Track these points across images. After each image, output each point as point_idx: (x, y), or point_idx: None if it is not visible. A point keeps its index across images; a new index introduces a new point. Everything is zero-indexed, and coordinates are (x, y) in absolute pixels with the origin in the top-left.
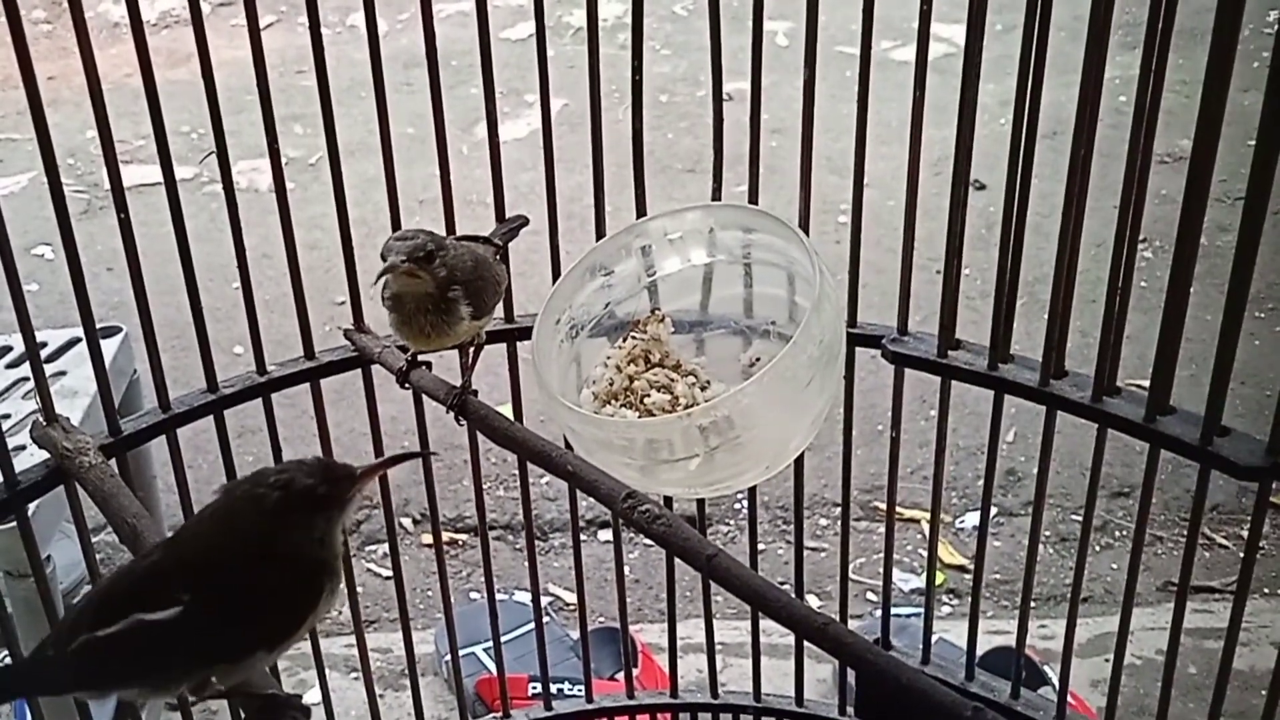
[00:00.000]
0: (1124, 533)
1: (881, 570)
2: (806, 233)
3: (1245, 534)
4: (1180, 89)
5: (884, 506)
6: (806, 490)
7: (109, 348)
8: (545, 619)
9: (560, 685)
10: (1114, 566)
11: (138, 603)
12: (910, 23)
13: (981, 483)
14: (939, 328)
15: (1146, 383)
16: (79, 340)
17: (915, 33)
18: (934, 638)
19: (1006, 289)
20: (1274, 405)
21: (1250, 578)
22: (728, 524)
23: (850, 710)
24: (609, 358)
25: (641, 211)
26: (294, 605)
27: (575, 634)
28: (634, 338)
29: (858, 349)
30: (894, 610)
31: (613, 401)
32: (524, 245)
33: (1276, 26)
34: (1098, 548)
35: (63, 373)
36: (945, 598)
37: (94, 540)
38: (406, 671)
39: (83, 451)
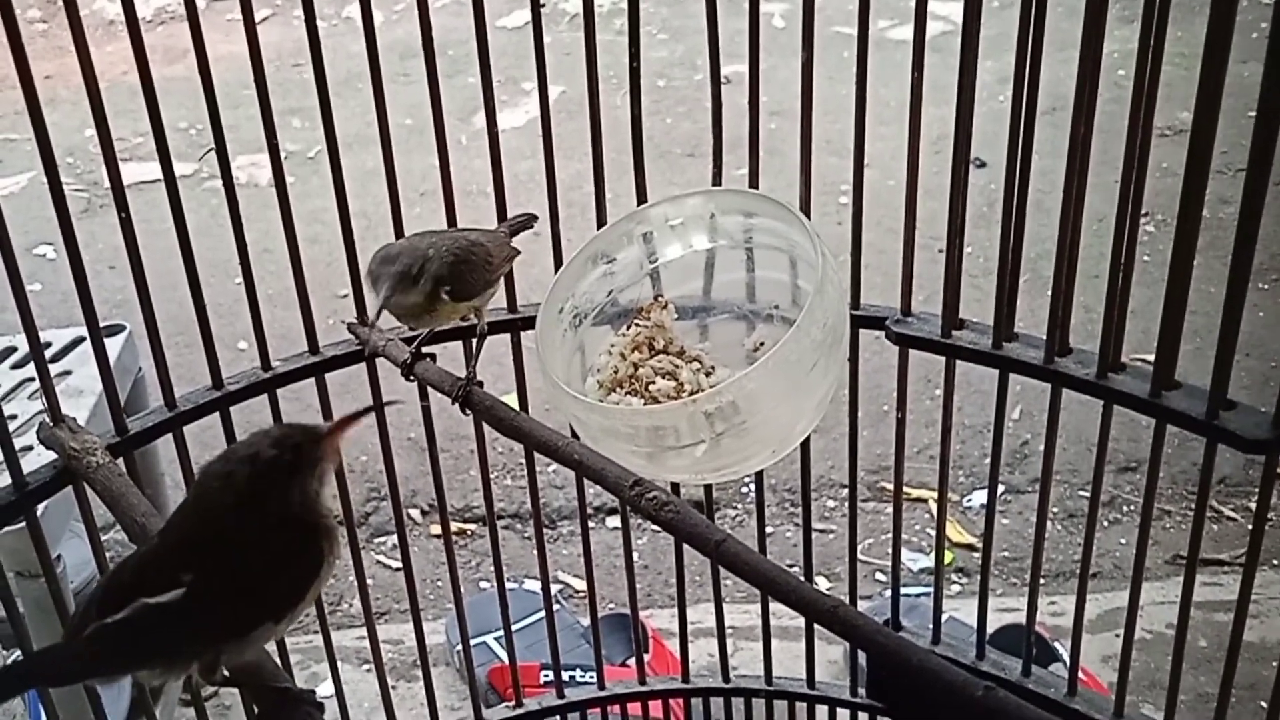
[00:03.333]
0: (1132, 508)
1: (890, 551)
2: (808, 215)
3: (1253, 506)
4: (1179, 62)
5: (891, 487)
6: (814, 473)
7: (113, 346)
8: (555, 607)
9: (572, 672)
10: (1122, 541)
11: (142, 588)
12: (907, 1)
13: (988, 461)
14: (942, 307)
15: (1151, 357)
16: (83, 339)
17: (912, 11)
18: (944, 617)
19: (1009, 267)
20: (1279, 377)
21: (1259, 550)
22: (735, 508)
23: (861, 691)
24: (613, 346)
25: (642, 198)
26: (294, 573)
27: (586, 621)
28: (637, 325)
29: (862, 331)
30: (903, 590)
31: (618, 389)
32: (525, 234)
33: None
34: (1106, 523)
35: (68, 372)
36: (954, 576)
37: (104, 539)
38: (418, 662)
39: (90, 451)
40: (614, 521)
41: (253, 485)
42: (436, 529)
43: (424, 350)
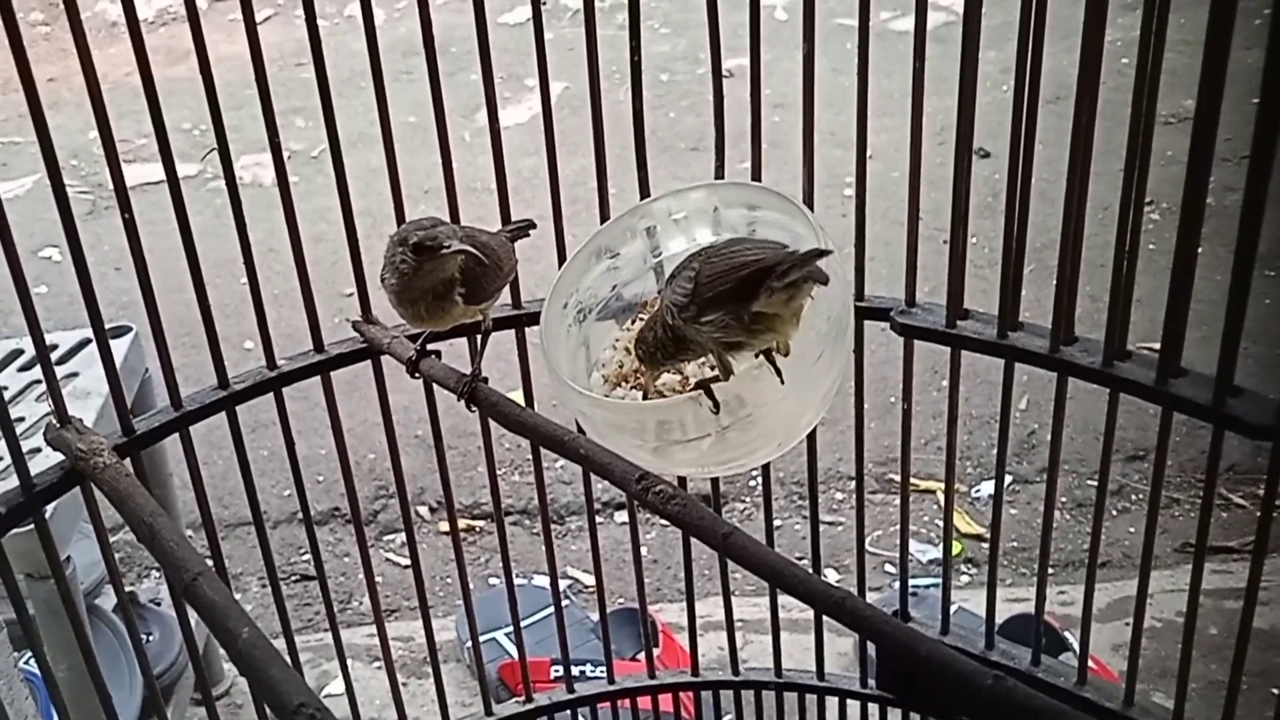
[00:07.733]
0: (1140, 496)
1: (898, 542)
2: (811, 208)
3: (1262, 493)
4: (1182, 49)
5: (899, 479)
6: (821, 465)
7: (119, 347)
8: (565, 602)
9: (582, 667)
10: (1131, 530)
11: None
12: None
13: (996, 451)
14: (947, 298)
15: (1157, 346)
16: (89, 341)
17: (914, 2)
18: (953, 607)
19: (1013, 256)
20: None
21: (1268, 537)
22: (743, 501)
23: (871, 682)
24: (617, 340)
25: (645, 192)
26: None
27: (595, 616)
28: (642, 319)
29: (866, 322)
30: (912, 581)
31: (623, 384)
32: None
33: None
34: (1114, 512)
35: (75, 374)
36: (963, 567)
37: (112, 540)
38: (428, 659)
39: (97, 452)
40: (622, 516)
41: None
42: (445, 526)
43: (429, 347)
